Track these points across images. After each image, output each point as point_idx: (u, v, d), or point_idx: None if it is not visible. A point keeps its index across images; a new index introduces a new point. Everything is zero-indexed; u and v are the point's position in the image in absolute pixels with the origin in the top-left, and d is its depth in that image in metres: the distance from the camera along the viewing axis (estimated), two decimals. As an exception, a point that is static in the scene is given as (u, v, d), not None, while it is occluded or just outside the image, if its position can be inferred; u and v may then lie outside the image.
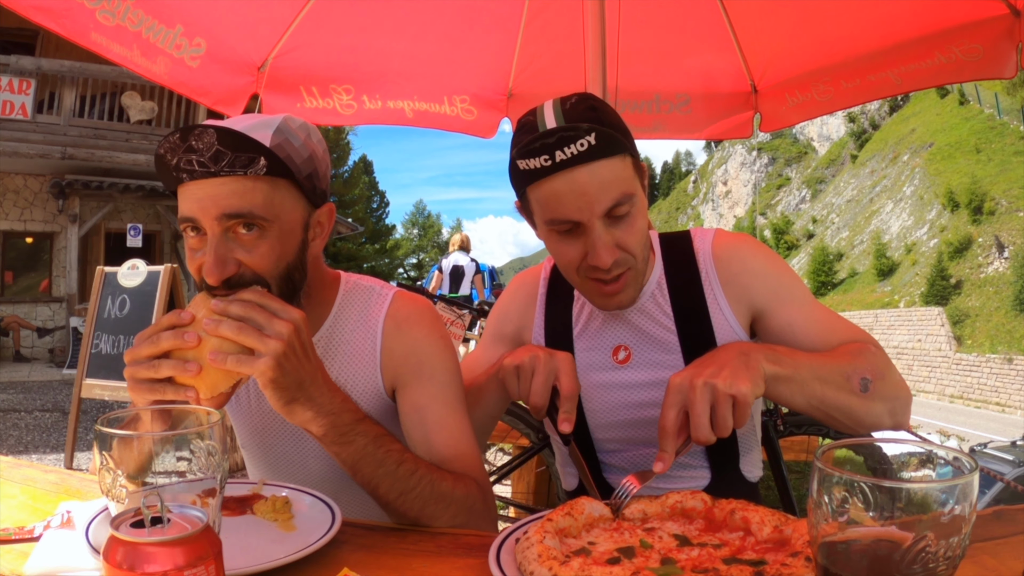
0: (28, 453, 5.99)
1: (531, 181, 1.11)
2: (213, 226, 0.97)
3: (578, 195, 1.07)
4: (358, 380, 1.15)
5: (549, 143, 1.04)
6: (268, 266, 1.01)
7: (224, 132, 0.93)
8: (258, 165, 0.97)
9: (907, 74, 2.33)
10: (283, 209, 1.02)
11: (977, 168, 41.33)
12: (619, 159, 1.09)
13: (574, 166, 1.06)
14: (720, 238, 1.29)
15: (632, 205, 1.11)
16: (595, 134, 1.04)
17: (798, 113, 2.72)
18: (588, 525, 0.88)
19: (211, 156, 0.94)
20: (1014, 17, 2.10)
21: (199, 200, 0.97)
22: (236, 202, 0.97)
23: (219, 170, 0.96)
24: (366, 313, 1.17)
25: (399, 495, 0.95)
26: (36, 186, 12.02)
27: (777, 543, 0.81)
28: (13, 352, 11.49)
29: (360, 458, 0.93)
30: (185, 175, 0.97)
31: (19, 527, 0.92)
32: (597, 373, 1.29)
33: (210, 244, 0.97)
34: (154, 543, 0.55)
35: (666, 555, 0.80)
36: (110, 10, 1.85)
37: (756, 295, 1.23)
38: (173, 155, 0.95)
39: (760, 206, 75.81)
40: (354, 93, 2.71)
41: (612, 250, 1.11)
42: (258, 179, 0.98)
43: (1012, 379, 27.96)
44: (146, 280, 5.12)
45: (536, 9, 2.71)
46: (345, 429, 0.93)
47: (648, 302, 1.27)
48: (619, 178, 1.09)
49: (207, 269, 0.97)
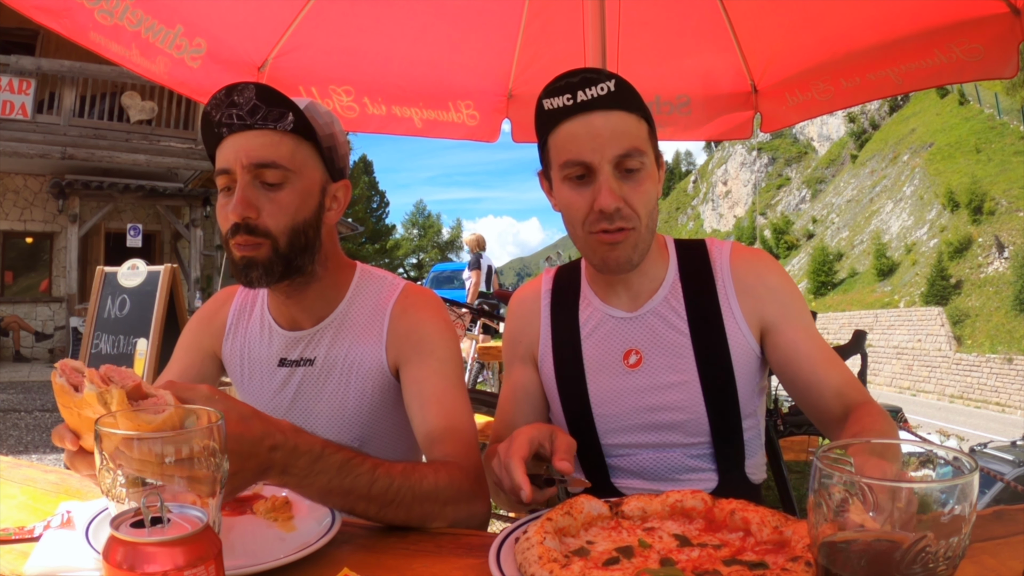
0: (28, 453, 5.99)
1: (553, 125, 1.18)
2: (243, 174, 1.12)
3: (592, 137, 1.14)
4: (364, 357, 1.24)
5: (573, 82, 1.14)
6: (284, 219, 1.14)
7: (262, 88, 1.11)
8: (287, 120, 1.13)
9: (907, 73, 2.32)
10: (305, 166, 1.17)
11: (977, 168, 41.33)
12: (635, 117, 1.17)
13: (592, 110, 1.14)
14: (738, 250, 1.31)
15: (643, 165, 1.17)
16: (615, 82, 1.14)
17: (798, 112, 2.72)
18: (587, 524, 0.87)
19: (249, 110, 1.11)
20: (1014, 16, 2.10)
21: (235, 151, 1.13)
22: (265, 152, 1.12)
23: (254, 123, 1.12)
24: (377, 298, 1.28)
25: (379, 509, 0.94)
26: (36, 186, 12.02)
27: (777, 544, 0.80)
28: (13, 352, 11.49)
29: (325, 493, 0.90)
30: (225, 129, 1.13)
31: (19, 527, 0.92)
32: (607, 378, 1.28)
33: (239, 188, 1.12)
34: (154, 543, 0.55)
35: (665, 555, 0.79)
36: (108, 9, 1.85)
37: (768, 309, 1.25)
38: (217, 111, 1.12)
39: (760, 206, 75.82)
40: (354, 95, 2.70)
41: (617, 198, 1.15)
42: (285, 134, 1.14)
43: (1012, 379, 27.95)
44: (146, 280, 5.12)
45: (536, 9, 2.71)
46: (302, 476, 0.87)
47: (661, 305, 1.27)
48: (632, 132, 1.16)
49: (233, 206, 1.11)
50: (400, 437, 1.31)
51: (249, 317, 1.35)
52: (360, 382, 1.25)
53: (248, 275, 1.15)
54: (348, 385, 1.25)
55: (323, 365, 1.26)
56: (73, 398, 0.73)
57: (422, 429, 1.17)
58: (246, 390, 1.34)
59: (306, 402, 1.27)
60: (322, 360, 1.26)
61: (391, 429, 1.30)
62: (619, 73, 1.17)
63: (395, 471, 0.95)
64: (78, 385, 0.73)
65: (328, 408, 1.26)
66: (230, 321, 1.37)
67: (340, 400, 1.26)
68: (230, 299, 1.39)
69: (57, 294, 12.11)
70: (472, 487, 1.06)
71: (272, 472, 0.83)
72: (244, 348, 1.33)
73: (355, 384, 1.25)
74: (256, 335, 1.33)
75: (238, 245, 1.14)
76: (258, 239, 1.13)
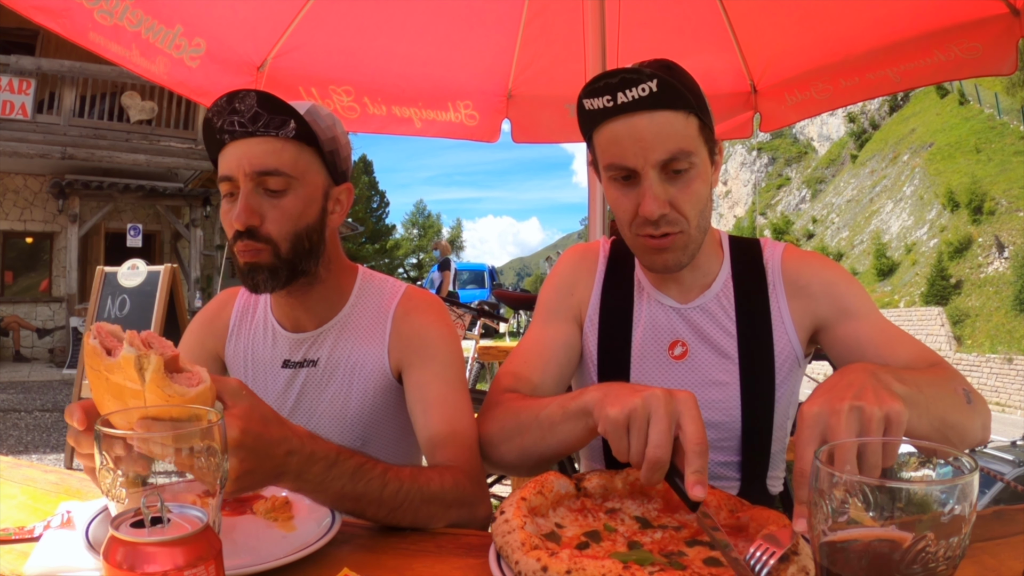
0: (28, 453, 5.99)
1: (595, 124, 1.14)
2: (246, 181, 1.13)
3: (635, 140, 1.09)
4: (367, 359, 1.25)
5: (612, 83, 1.08)
6: (287, 226, 1.15)
7: (263, 96, 1.11)
8: (288, 127, 1.13)
9: (906, 72, 2.33)
10: (307, 172, 1.17)
11: (977, 168, 41.31)
12: (682, 115, 1.10)
13: (634, 111, 1.08)
14: (790, 251, 1.29)
15: (692, 166, 1.12)
16: (657, 81, 1.06)
17: (797, 112, 2.72)
18: (555, 503, 0.89)
19: (250, 117, 1.11)
20: (1013, 16, 2.10)
21: (237, 158, 1.13)
22: (267, 160, 1.13)
23: (255, 130, 1.12)
24: (380, 301, 1.29)
25: (388, 513, 0.94)
26: (36, 186, 12.02)
27: (734, 528, 0.83)
28: (13, 352, 11.49)
29: (338, 498, 0.91)
30: (227, 136, 1.14)
31: (19, 527, 0.92)
32: (650, 365, 1.26)
33: (241, 196, 1.13)
34: (154, 543, 0.55)
35: (631, 538, 0.82)
36: (108, 9, 1.85)
37: (822, 306, 1.22)
38: (219, 117, 1.13)
39: (760, 206, 75.81)
40: (354, 95, 2.70)
41: (662, 203, 1.11)
42: (287, 141, 1.14)
43: (1012, 379, 27.93)
44: (146, 280, 5.13)
45: (536, 10, 2.71)
46: (316, 482, 0.87)
47: (711, 302, 1.25)
48: (679, 133, 1.10)
49: (236, 215, 1.12)
50: (401, 439, 1.31)
51: (252, 319, 1.36)
52: (363, 384, 1.26)
53: (254, 280, 1.17)
54: (351, 387, 1.26)
55: (326, 367, 1.27)
56: (104, 361, 0.69)
57: (425, 433, 1.17)
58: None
59: (309, 403, 1.28)
60: (325, 362, 1.27)
61: (392, 431, 1.30)
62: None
63: (404, 475, 0.96)
64: (112, 349, 0.70)
65: (330, 409, 1.27)
66: (232, 322, 1.37)
67: (343, 402, 1.26)
68: (232, 301, 1.40)
69: (57, 294, 12.11)
70: (474, 490, 1.07)
71: (286, 477, 0.84)
72: (248, 349, 1.34)
73: (358, 386, 1.26)
74: (260, 337, 1.33)
75: (242, 251, 1.15)
76: (262, 245, 1.15)
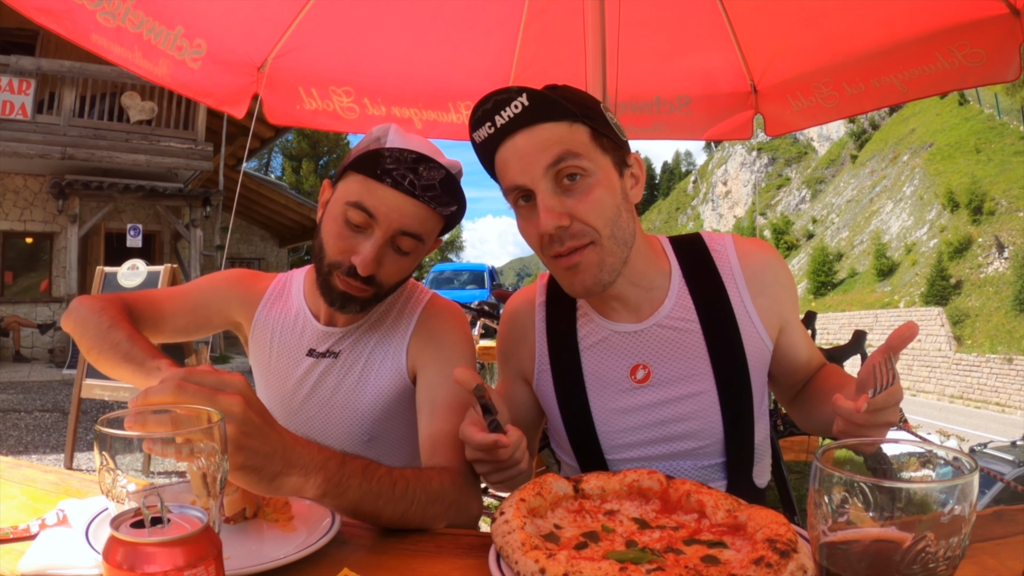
0: (28, 453, 5.98)
1: (488, 156, 1.14)
2: (386, 232, 1.16)
3: (519, 157, 1.08)
4: (386, 359, 1.30)
5: (488, 109, 1.09)
6: (397, 277, 1.23)
7: (447, 177, 1.17)
8: (449, 208, 1.21)
9: (912, 80, 2.32)
10: (429, 236, 1.23)
11: (977, 168, 41.29)
12: (564, 124, 1.07)
13: (514, 131, 1.08)
14: (742, 244, 1.26)
15: (585, 171, 1.08)
16: (527, 95, 1.06)
17: (804, 118, 2.70)
18: (553, 504, 0.90)
19: (425, 185, 1.16)
20: (1014, 17, 2.10)
21: (396, 208, 1.15)
22: (416, 225, 1.18)
23: (422, 196, 1.16)
24: (407, 306, 1.34)
25: (400, 516, 0.94)
26: (36, 186, 12.01)
27: (732, 528, 0.83)
28: (13, 352, 11.47)
29: (360, 499, 0.89)
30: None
31: (15, 526, 0.92)
32: (612, 396, 1.22)
33: (374, 243, 1.15)
34: (154, 543, 0.55)
35: (629, 538, 0.82)
36: (110, 11, 1.85)
37: (784, 308, 1.23)
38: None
39: (760, 206, 75.79)
40: (354, 96, 2.70)
41: (557, 215, 1.06)
42: (434, 212, 1.20)
43: (1012, 379, 27.91)
44: (146, 280, 5.12)
45: (536, 10, 2.71)
46: (338, 479, 0.86)
47: (668, 317, 1.21)
48: (563, 138, 1.07)
49: (362, 260, 1.14)
50: (406, 440, 1.33)
51: (284, 301, 1.40)
52: (378, 381, 1.29)
53: (344, 306, 1.22)
54: (366, 382, 1.30)
55: (346, 359, 1.31)
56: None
57: (427, 431, 1.18)
58: (270, 371, 1.37)
59: (324, 393, 1.32)
60: (346, 355, 1.31)
61: (399, 431, 1.33)
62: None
63: (408, 475, 0.97)
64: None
65: (343, 401, 1.31)
66: (266, 297, 1.41)
67: (356, 395, 1.30)
68: (268, 278, 1.45)
69: (57, 294, 12.10)
70: (469, 488, 1.09)
71: (295, 470, 0.81)
72: (275, 330, 1.37)
73: (372, 381, 1.29)
74: (290, 321, 1.37)
75: (347, 285, 1.18)
76: (371, 289, 1.20)
